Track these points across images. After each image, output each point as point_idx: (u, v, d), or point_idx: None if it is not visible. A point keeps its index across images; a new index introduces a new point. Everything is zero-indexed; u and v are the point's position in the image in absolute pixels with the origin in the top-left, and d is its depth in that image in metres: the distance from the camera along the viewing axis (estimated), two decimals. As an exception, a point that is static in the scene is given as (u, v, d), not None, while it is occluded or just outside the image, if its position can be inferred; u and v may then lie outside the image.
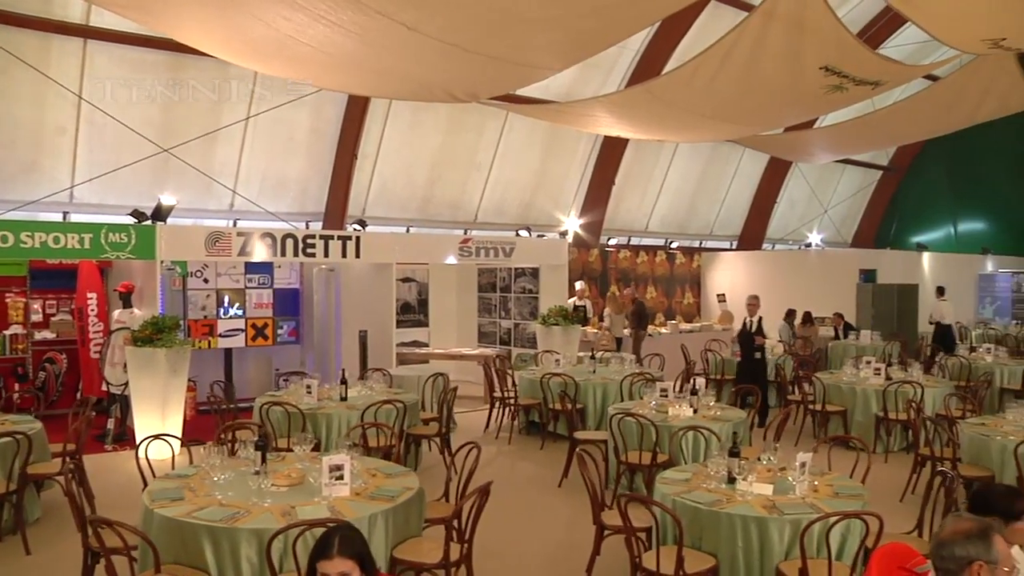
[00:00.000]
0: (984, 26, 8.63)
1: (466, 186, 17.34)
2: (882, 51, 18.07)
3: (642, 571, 4.91)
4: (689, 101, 10.87)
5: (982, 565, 2.80)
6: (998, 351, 13.23)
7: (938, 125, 15.90)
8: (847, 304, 17.37)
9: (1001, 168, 24.78)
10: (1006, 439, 6.90)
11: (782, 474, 5.36)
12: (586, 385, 10.09)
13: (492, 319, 15.72)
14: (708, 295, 20.69)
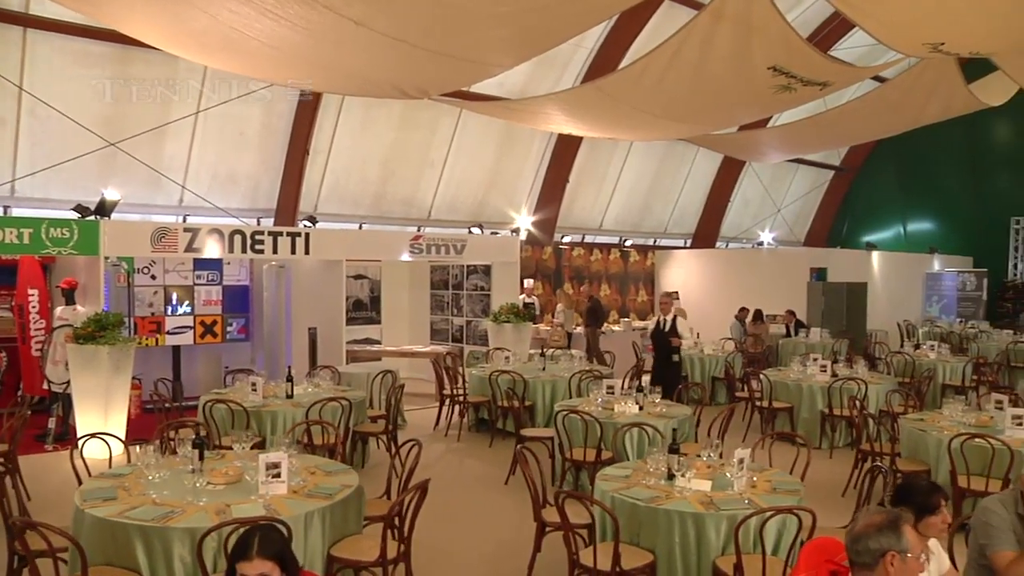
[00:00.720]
0: (924, 30, 8.74)
1: (419, 183, 17.26)
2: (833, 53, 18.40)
3: (580, 568, 4.92)
4: (639, 100, 10.91)
5: (894, 555, 2.85)
6: (941, 348, 13.47)
7: (886, 126, 16.16)
8: (798, 302, 17.56)
9: (949, 170, 25.25)
10: (941, 434, 7.02)
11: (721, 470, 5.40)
12: (535, 382, 10.11)
13: (445, 316, 15.68)
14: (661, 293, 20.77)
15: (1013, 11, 7.98)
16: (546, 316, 17.09)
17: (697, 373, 12.76)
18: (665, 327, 10.93)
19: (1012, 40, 9.41)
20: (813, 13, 18.36)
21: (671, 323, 10.89)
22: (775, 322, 17.10)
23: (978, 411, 7.92)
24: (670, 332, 10.81)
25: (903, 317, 20.63)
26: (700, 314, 18.64)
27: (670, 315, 10.89)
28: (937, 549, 3.80)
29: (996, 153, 24.63)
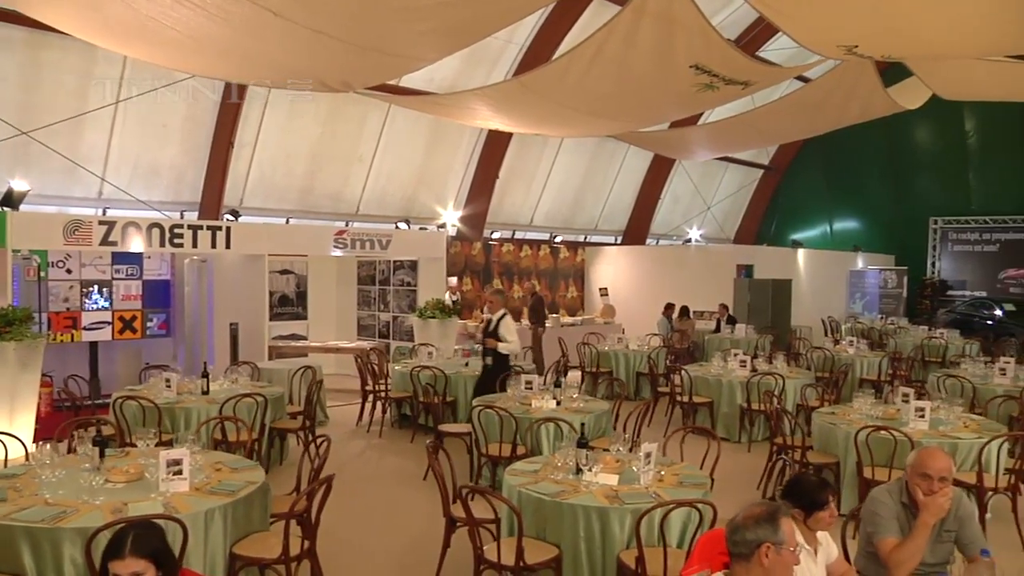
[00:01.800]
0: (838, 33, 8.89)
1: (348, 178, 17.11)
2: (762, 54, 18.73)
3: (485, 563, 4.91)
4: (563, 96, 10.92)
5: (769, 547, 2.89)
6: (860, 344, 13.76)
7: (809, 127, 16.46)
8: (725, 298, 17.83)
9: (873, 171, 25.93)
10: (850, 427, 7.15)
11: (629, 465, 5.44)
12: (457, 378, 10.09)
13: (371, 312, 15.57)
14: (592, 289, 20.94)
15: (919, 18, 8.15)
16: (475, 312, 17.07)
17: (622, 369, 12.85)
18: (489, 327, 9.74)
19: (921, 46, 9.64)
20: (742, 14, 18.57)
21: (495, 323, 9.63)
22: (703, 318, 17.33)
23: (885, 404, 8.10)
24: (491, 333, 9.57)
25: (828, 313, 21.09)
26: (630, 310, 18.90)
27: (497, 314, 9.66)
28: (826, 541, 3.88)
29: (917, 156, 25.37)
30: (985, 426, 7.53)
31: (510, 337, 9.45)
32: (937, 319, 21.56)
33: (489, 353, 9.54)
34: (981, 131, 24.03)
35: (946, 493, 3.97)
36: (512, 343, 9.50)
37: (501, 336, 9.42)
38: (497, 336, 9.43)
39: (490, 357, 9.54)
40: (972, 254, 25.01)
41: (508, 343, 9.45)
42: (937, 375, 10.75)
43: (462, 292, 17.23)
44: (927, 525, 3.92)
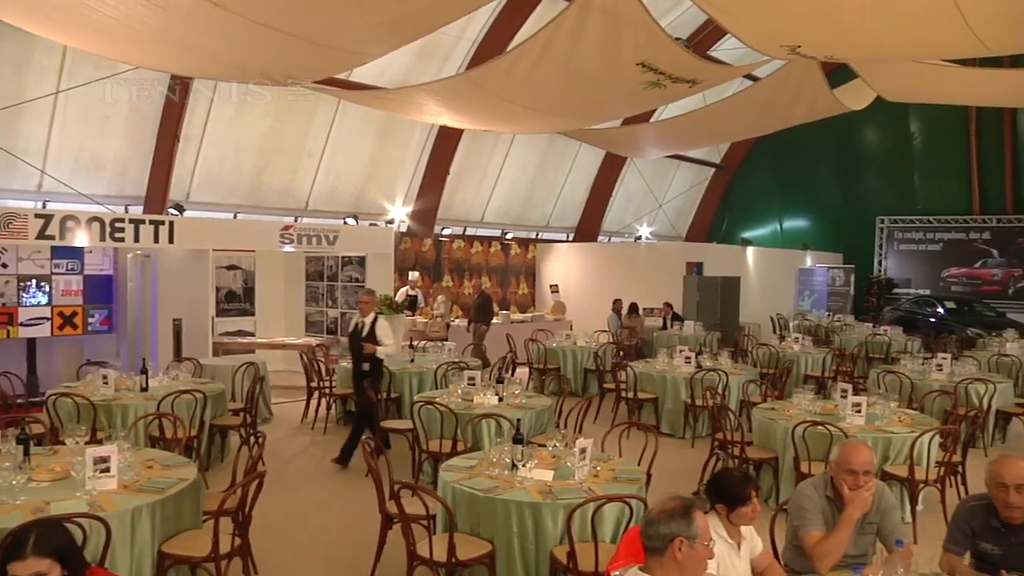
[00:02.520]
0: (781, 33, 8.96)
1: (297, 172, 16.94)
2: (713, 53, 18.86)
3: (418, 559, 4.88)
4: (510, 92, 10.90)
5: (683, 540, 2.90)
6: (805, 340, 13.93)
7: (757, 125, 16.62)
8: (675, 295, 17.96)
9: (822, 171, 26.32)
10: (789, 422, 7.22)
11: (564, 460, 5.44)
12: (402, 374, 10.05)
13: (320, 308, 15.43)
14: (543, 286, 20.98)
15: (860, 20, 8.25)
16: (426, 308, 17.00)
17: (569, 365, 12.88)
18: (363, 331, 8.90)
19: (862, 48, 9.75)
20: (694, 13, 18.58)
21: (370, 326, 8.87)
22: (653, 315, 17.43)
23: (824, 400, 8.20)
24: (367, 336, 8.82)
25: (776, 310, 21.32)
26: (580, 307, 18.94)
27: (369, 316, 8.94)
28: (750, 535, 3.91)
29: (865, 156, 25.78)
30: (919, 420, 7.67)
31: (387, 340, 8.91)
32: (883, 316, 21.92)
33: (367, 359, 8.87)
34: (925, 133, 24.49)
35: (870, 487, 4.02)
36: (390, 346, 8.95)
37: (379, 339, 8.82)
38: (375, 340, 8.81)
39: (367, 364, 8.89)
40: (917, 253, 25.46)
41: (386, 346, 8.89)
42: (877, 371, 10.92)
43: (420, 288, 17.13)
44: (852, 519, 3.96)
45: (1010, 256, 23.83)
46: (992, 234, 24.14)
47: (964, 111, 22.57)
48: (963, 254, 24.62)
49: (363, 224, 16.18)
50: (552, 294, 20.02)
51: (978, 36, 8.28)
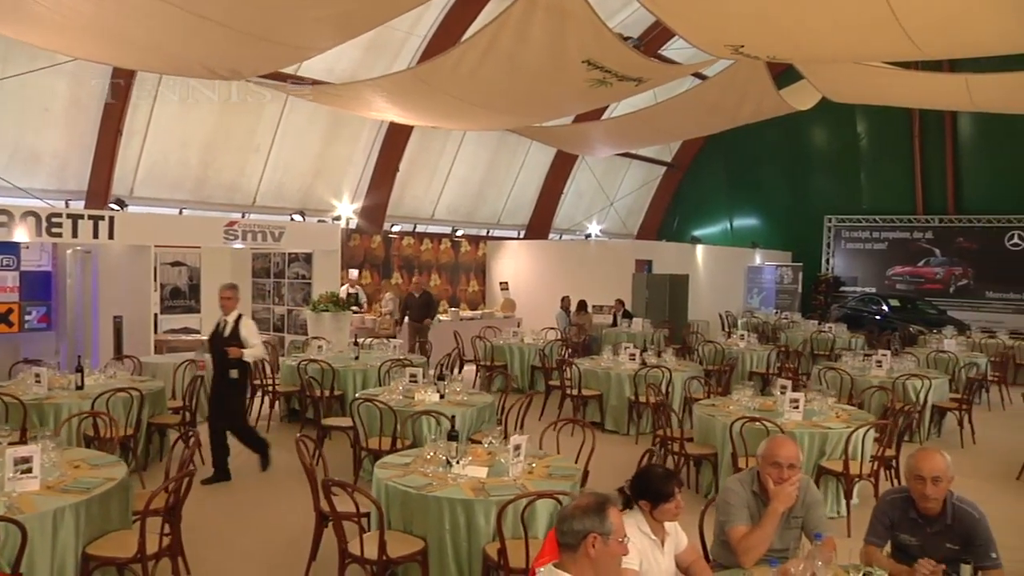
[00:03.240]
0: (725, 32, 9.02)
1: (244, 168, 16.71)
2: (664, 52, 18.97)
3: (349, 557, 4.84)
4: (457, 89, 10.85)
5: (596, 537, 2.90)
6: (750, 337, 14.08)
7: (705, 124, 16.75)
8: (624, 293, 18.03)
9: (771, 169, 26.64)
10: (727, 418, 7.29)
11: (498, 457, 5.43)
12: (345, 371, 9.98)
13: (266, 305, 15.27)
14: (493, 283, 20.96)
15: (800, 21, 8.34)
16: (374, 305, 16.90)
17: (516, 362, 12.88)
18: (224, 331, 7.98)
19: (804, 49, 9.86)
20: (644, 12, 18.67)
21: (233, 326, 7.96)
22: (602, 312, 17.51)
23: (763, 396, 8.30)
24: (230, 337, 7.90)
25: (726, 308, 21.52)
26: (531, 304, 18.96)
27: (232, 315, 8.02)
28: (675, 531, 3.93)
29: (813, 156, 26.16)
30: (855, 416, 7.80)
31: (254, 340, 8.02)
32: (830, 314, 22.24)
33: (232, 364, 7.88)
34: (871, 134, 24.91)
35: (794, 481, 4.07)
36: (257, 347, 8.07)
37: (244, 340, 7.89)
38: (239, 342, 7.89)
39: (235, 370, 7.92)
40: (863, 252, 25.86)
41: (253, 348, 8.00)
42: (819, 367, 11.07)
43: (361, 285, 17.03)
44: (776, 513, 4.01)
45: (951, 255, 24.31)
46: (934, 234, 24.61)
47: (908, 113, 22.98)
48: (907, 253, 25.07)
49: (310, 221, 16.04)
50: (502, 291, 20.02)
51: (913, 40, 8.41)
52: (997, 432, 10.75)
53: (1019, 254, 23.11)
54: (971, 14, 7.86)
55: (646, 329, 15.70)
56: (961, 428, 10.40)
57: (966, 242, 24.12)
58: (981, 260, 23.79)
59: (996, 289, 23.52)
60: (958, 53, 11.55)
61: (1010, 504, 7.86)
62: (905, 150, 24.20)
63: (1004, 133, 21.77)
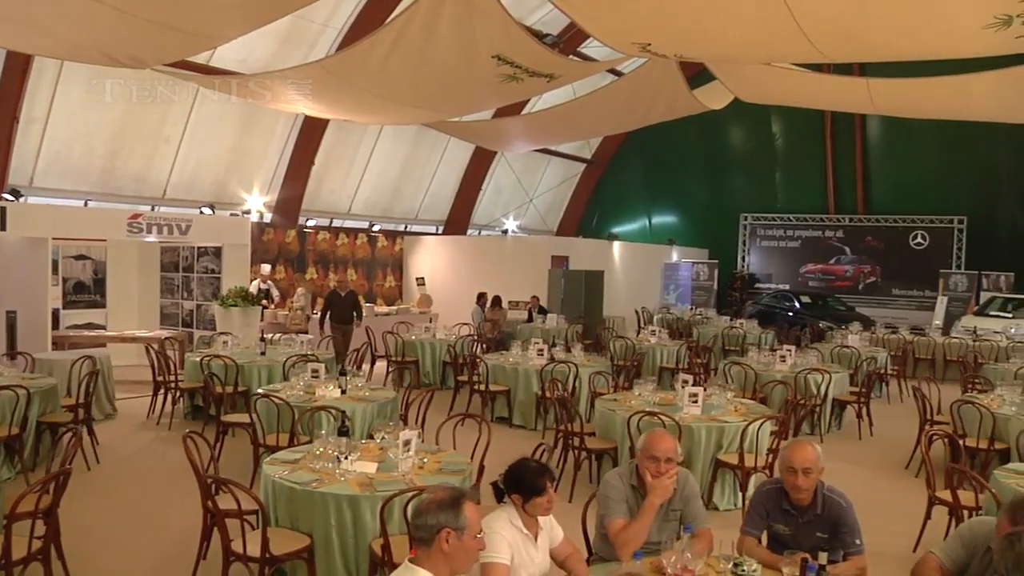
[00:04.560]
0: (632, 30, 9.10)
1: (153, 159, 16.29)
2: (584, 49, 19.08)
3: (233, 555, 4.75)
4: (367, 82, 10.75)
5: (450, 532, 2.89)
6: (661, 333, 14.26)
7: (621, 121, 16.88)
8: (541, 289, 18.12)
9: (690, 167, 27.06)
10: (627, 413, 7.35)
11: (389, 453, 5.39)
12: (251, 367, 9.82)
13: (175, 300, 14.93)
14: (410, 279, 20.85)
15: (703, 21, 8.46)
16: (287, 300, 16.66)
17: (427, 358, 12.83)
18: None
19: (709, 48, 10.02)
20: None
21: None
22: (518, 308, 17.56)
23: (664, 391, 8.40)
24: None
25: (642, 304, 21.77)
26: (448, 300, 18.92)
27: None
28: (549, 525, 3.94)
29: (730, 155, 26.66)
30: (753, 409, 7.93)
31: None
32: (744, 310, 22.67)
33: None
34: (786, 135, 25.49)
35: (672, 475, 4.12)
36: None
37: None
38: None
39: None
40: (777, 249, 26.44)
41: None
42: (725, 362, 11.26)
43: (274, 281, 16.78)
44: (653, 506, 4.05)
45: (860, 253, 25.03)
46: (845, 232, 25.30)
47: (821, 116, 23.56)
48: (819, 251, 25.72)
49: (222, 214, 15.72)
50: (418, 287, 19.93)
51: (812, 42, 8.60)
52: (893, 424, 11.07)
53: (922, 253, 23.93)
54: (864, 19, 8.07)
55: (560, 325, 15.79)
56: (859, 420, 10.70)
57: (874, 241, 24.86)
58: (888, 258, 24.57)
59: (901, 286, 24.31)
60: (856, 57, 11.88)
61: (899, 492, 8.12)
62: (818, 151, 24.82)
63: (909, 137, 22.51)
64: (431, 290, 19.71)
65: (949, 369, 15.18)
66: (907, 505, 7.33)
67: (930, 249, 23.88)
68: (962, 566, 3.65)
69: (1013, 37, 7.84)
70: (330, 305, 14.36)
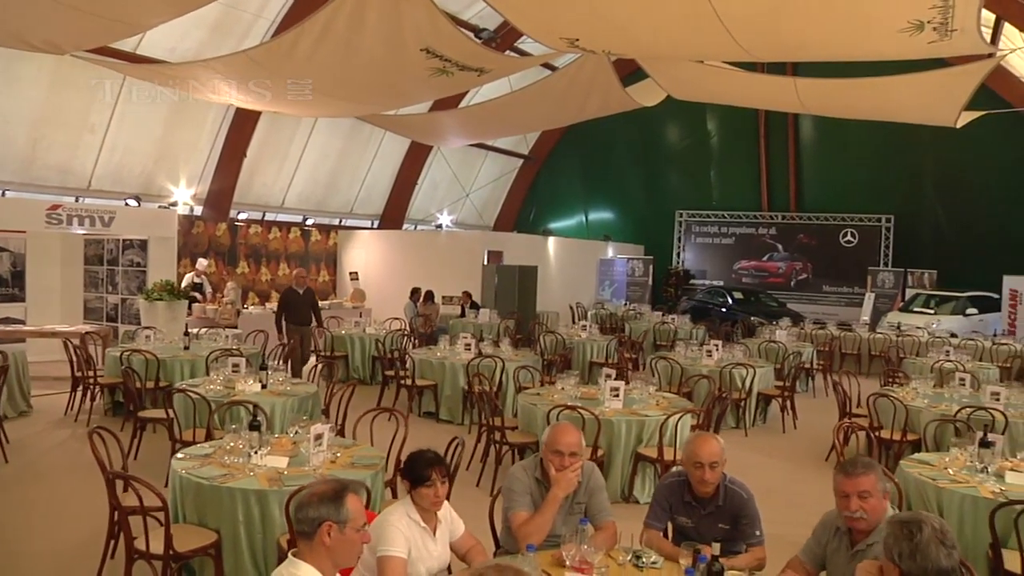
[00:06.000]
0: (559, 25, 9.12)
1: (78, 149, 15.85)
2: (521, 45, 19.07)
3: (136, 552, 4.66)
4: (294, 74, 10.61)
5: (331, 525, 2.87)
6: (592, 328, 14.36)
7: (554, 117, 16.92)
8: (474, 284, 18.10)
9: (626, 163, 27.25)
10: (549, 407, 7.37)
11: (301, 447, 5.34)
12: (173, 362, 9.64)
13: (99, 294, 14.60)
14: (343, 273, 20.68)
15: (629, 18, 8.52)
16: (217, 295, 16.41)
17: (357, 353, 12.73)
18: None
19: (636, 45, 10.09)
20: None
21: None
22: (452, 303, 17.52)
23: (588, 385, 8.45)
24: None
25: (578, 299, 21.88)
26: (382, 294, 18.82)
27: None
28: (449, 518, 3.95)
29: (667, 152, 26.93)
30: (675, 403, 8.02)
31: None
32: (679, 306, 22.93)
33: None
34: (721, 133, 25.83)
35: (576, 468, 4.13)
36: None
37: None
38: None
39: None
40: (712, 246, 26.80)
41: None
42: (652, 357, 11.37)
43: (206, 275, 16.50)
44: (556, 499, 4.06)
45: (792, 251, 25.50)
46: (778, 230, 25.74)
47: (755, 115, 23.92)
48: (753, 248, 26.13)
49: (150, 206, 15.40)
50: (352, 281, 19.78)
51: (739, 41, 8.72)
52: (817, 417, 11.28)
53: (851, 250, 24.45)
54: (785, 19, 8.21)
55: (493, 320, 15.79)
56: (783, 414, 10.90)
57: (806, 238, 25.34)
58: (819, 256, 25.06)
59: (832, 283, 24.82)
60: (782, 56, 12.09)
61: (817, 484, 8.26)
62: (752, 149, 25.20)
63: (840, 138, 22.99)
64: (365, 285, 19.57)
65: (874, 364, 15.52)
66: (824, 497, 7.44)
67: (859, 247, 24.40)
68: (820, 559, 3.82)
69: (926, 43, 8.07)
70: (286, 305, 12.29)
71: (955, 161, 22.01)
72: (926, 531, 2.89)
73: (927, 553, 2.86)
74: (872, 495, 3.66)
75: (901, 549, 2.90)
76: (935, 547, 2.87)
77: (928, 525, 2.91)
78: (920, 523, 2.94)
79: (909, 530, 2.91)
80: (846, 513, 3.72)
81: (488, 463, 7.93)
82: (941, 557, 2.86)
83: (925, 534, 2.88)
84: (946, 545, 2.89)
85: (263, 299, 18.64)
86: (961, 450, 5.92)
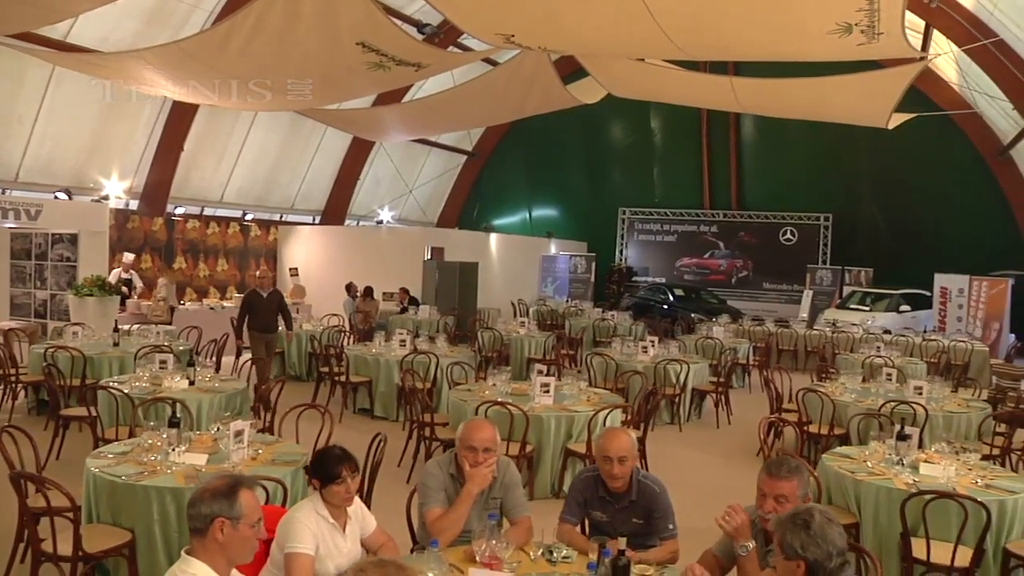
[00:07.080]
0: (495, 21, 9.11)
1: (5, 140, 15.44)
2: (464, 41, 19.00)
3: (42, 555, 4.54)
4: (228, 66, 10.44)
5: (224, 521, 2.84)
6: (531, 324, 14.39)
7: (495, 113, 16.91)
8: (415, 280, 18.03)
9: (570, 161, 27.38)
10: (478, 402, 7.36)
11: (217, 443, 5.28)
12: (101, 359, 9.44)
13: (27, 289, 14.25)
14: (283, 269, 20.45)
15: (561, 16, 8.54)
16: (153, 292, 16.11)
17: (293, 349, 12.61)
18: None
19: (571, 42, 10.12)
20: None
21: None
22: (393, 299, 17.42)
23: (520, 381, 8.46)
24: None
25: (519, 296, 21.90)
26: (322, 290, 18.66)
27: None
28: (359, 515, 3.92)
29: (610, 150, 27.09)
30: (606, 399, 8.05)
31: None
32: (621, 303, 23.09)
33: None
34: (664, 131, 26.06)
35: (490, 464, 4.13)
36: None
37: None
38: None
39: None
40: (654, 243, 27.05)
41: None
42: (587, 353, 11.42)
43: (139, 270, 16.19)
44: (470, 494, 4.05)
45: (733, 248, 25.85)
46: (719, 227, 26.07)
47: (697, 113, 24.16)
48: (694, 245, 26.44)
49: (80, 199, 15.06)
50: (292, 277, 19.57)
51: (672, 39, 8.78)
52: (751, 413, 11.40)
53: (791, 248, 24.85)
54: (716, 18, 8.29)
55: (432, 316, 15.74)
56: (718, 409, 11.03)
57: (747, 236, 25.69)
58: (759, 253, 25.44)
59: (772, 280, 25.22)
60: (716, 55, 12.20)
61: (748, 478, 8.30)
62: (694, 147, 25.47)
63: (779, 137, 23.33)
64: (305, 281, 19.37)
65: (810, 360, 15.77)
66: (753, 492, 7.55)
67: (798, 245, 24.82)
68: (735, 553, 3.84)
69: (854, 44, 8.20)
70: (249, 309, 11.04)
71: (891, 163, 22.50)
72: (817, 517, 2.95)
73: (826, 536, 2.92)
74: (789, 501, 3.70)
75: (802, 541, 2.94)
76: (830, 528, 2.93)
77: (816, 511, 2.98)
78: (808, 511, 3.00)
79: (803, 520, 2.96)
80: (759, 512, 3.77)
81: (419, 460, 7.90)
82: (836, 537, 2.93)
83: (817, 520, 2.94)
84: (836, 524, 2.97)
85: (201, 295, 18.36)
86: (880, 443, 6.04)
